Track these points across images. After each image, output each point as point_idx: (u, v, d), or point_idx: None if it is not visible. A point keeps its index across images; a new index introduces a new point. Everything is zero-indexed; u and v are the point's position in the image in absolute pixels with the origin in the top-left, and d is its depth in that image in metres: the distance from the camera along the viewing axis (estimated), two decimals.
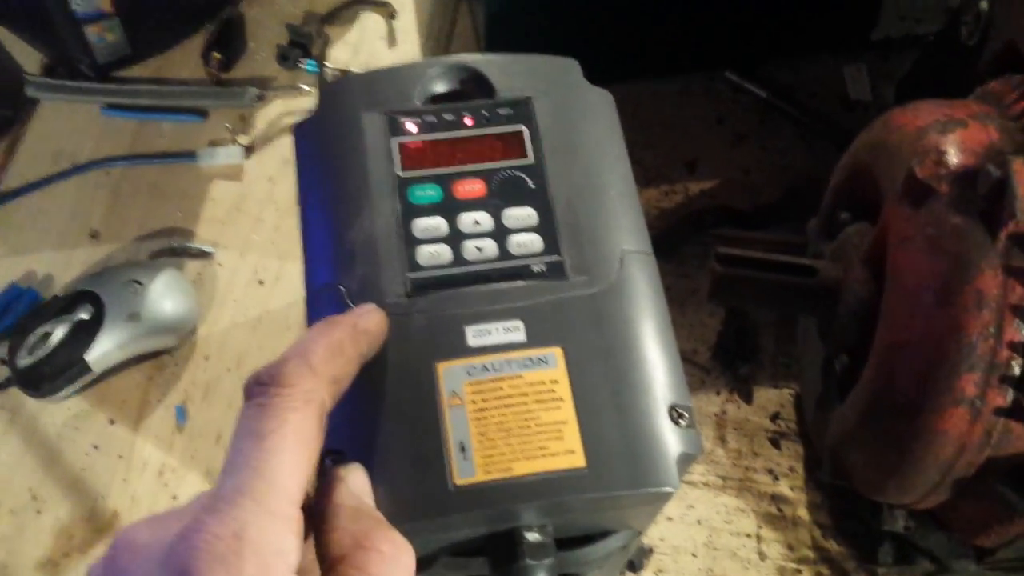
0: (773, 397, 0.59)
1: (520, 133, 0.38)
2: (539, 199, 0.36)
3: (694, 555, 0.54)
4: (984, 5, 0.56)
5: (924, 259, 0.41)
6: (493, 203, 0.36)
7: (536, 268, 0.35)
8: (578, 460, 0.32)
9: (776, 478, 0.57)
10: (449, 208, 0.36)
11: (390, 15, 0.79)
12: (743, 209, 0.67)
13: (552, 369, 0.33)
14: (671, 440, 0.33)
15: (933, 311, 0.41)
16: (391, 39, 0.79)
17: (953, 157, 0.43)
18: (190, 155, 0.71)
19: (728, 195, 0.68)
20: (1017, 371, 0.40)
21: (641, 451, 0.32)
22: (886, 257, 0.44)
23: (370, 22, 0.80)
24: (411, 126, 0.38)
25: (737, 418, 0.59)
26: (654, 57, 0.73)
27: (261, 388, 0.26)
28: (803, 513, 0.55)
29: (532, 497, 0.31)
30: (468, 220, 0.36)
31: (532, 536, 0.33)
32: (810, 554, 0.54)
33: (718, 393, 0.60)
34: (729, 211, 0.67)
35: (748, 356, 0.61)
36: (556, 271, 0.35)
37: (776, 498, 0.56)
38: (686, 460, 0.33)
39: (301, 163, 0.39)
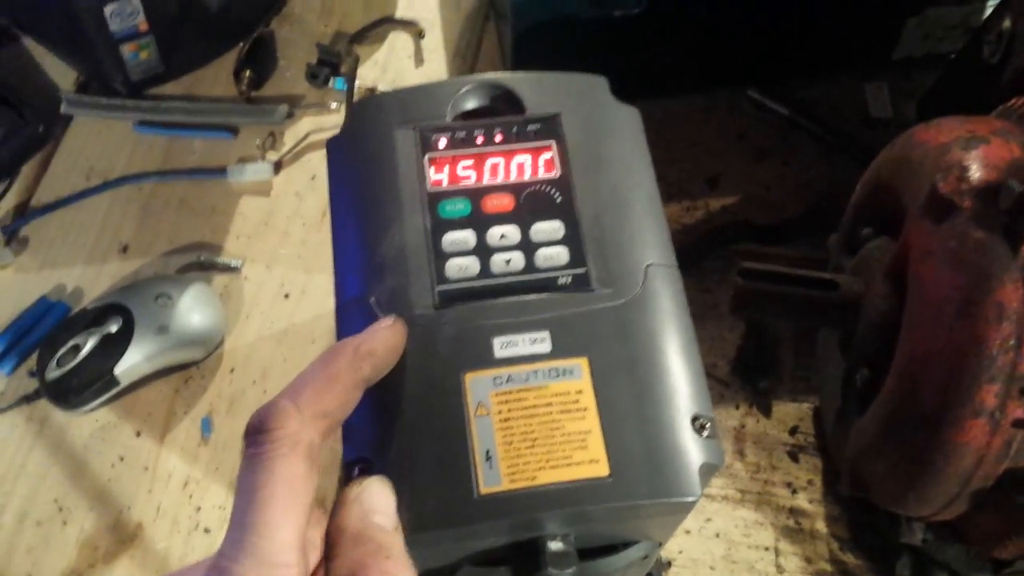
0: (792, 411, 0.60)
1: (549, 148, 0.39)
2: (566, 213, 0.37)
3: (712, 568, 0.54)
4: (1007, 24, 0.57)
5: (946, 272, 0.42)
6: (521, 217, 0.37)
7: (562, 280, 0.36)
8: (602, 469, 0.33)
9: (794, 491, 0.57)
10: (478, 222, 0.37)
11: (418, 34, 0.81)
12: (764, 224, 0.68)
13: (577, 380, 0.34)
14: (693, 450, 0.33)
15: (954, 323, 0.41)
16: (418, 58, 0.80)
17: (976, 173, 0.43)
18: (220, 171, 0.73)
19: (749, 211, 0.69)
20: None
21: (664, 461, 0.33)
22: (908, 271, 0.45)
23: (398, 41, 0.81)
24: (442, 142, 0.39)
25: (756, 432, 0.59)
26: (677, 75, 0.74)
27: (251, 437, 0.28)
28: (821, 526, 0.55)
29: (556, 506, 0.32)
30: (496, 234, 0.37)
31: (555, 545, 0.33)
32: (828, 567, 0.54)
33: (737, 407, 0.60)
34: (750, 226, 0.68)
35: (767, 370, 0.61)
36: (582, 283, 0.36)
37: (794, 511, 0.56)
38: (709, 470, 0.34)
39: (333, 177, 0.40)
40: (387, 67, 0.79)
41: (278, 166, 0.74)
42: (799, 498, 0.56)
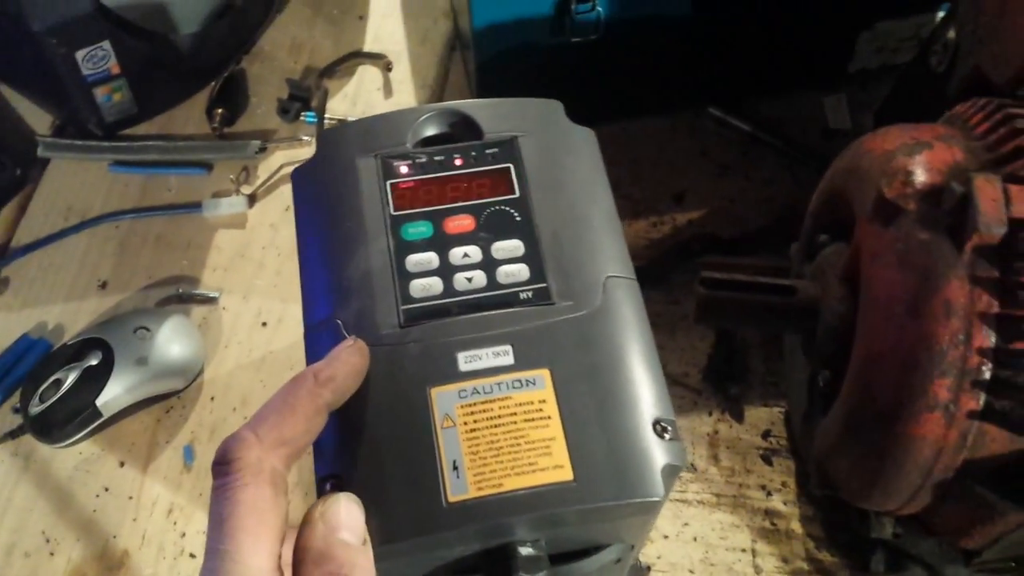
0: (764, 416, 0.61)
1: (507, 170, 0.40)
2: (525, 231, 0.39)
3: (691, 571, 0.55)
4: (951, 34, 0.59)
5: (895, 273, 0.43)
6: (482, 237, 0.39)
7: (523, 295, 0.37)
8: (566, 474, 0.34)
9: (769, 493, 0.58)
10: (440, 243, 0.38)
11: (386, 67, 0.83)
12: (729, 237, 0.69)
13: (540, 390, 0.35)
14: (655, 452, 0.34)
15: (905, 322, 0.43)
16: (387, 90, 0.82)
17: (919, 177, 0.45)
18: (195, 206, 0.74)
19: (715, 224, 0.71)
20: (987, 375, 0.42)
21: (627, 463, 0.34)
22: (860, 274, 0.46)
23: (367, 74, 0.83)
24: (403, 168, 0.40)
25: (729, 437, 0.60)
26: (639, 97, 0.76)
27: (216, 468, 0.29)
28: (796, 526, 0.56)
29: (522, 510, 0.33)
30: (458, 253, 0.38)
31: (525, 550, 0.34)
32: (804, 566, 0.55)
33: (710, 414, 0.61)
34: (715, 239, 0.69)
35: (738, 377, 0.62)
36: (542, 297, 0.37)
37: (770, 513, 0.57)
38: (671, 471, 0.35)
39: (299, 206, 0.41)
40: (356, 100, 0.81)
41: (252, 199, 0.75)
42: (774, 500, 0.58)
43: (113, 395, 0.61)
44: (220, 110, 0.79)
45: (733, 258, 0.66)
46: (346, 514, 0.31)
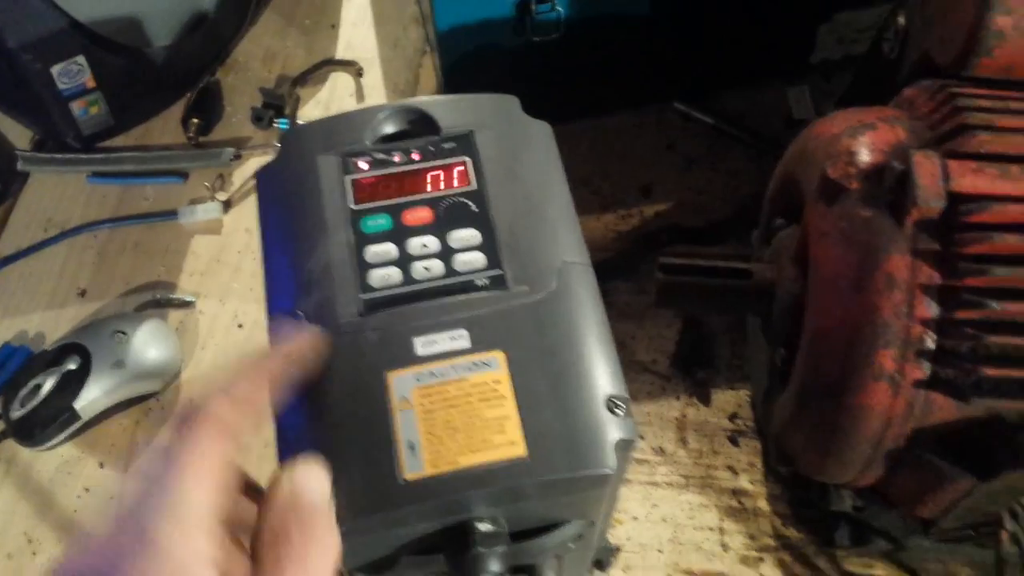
0: (731, 398, 0.62)
1: (464, 163, 0.42)
2: (482, 221, 0.40)
3: (660, 551, 0.57)
4: (901, 20, 0.61)
5: (839, 251, 0.45)
6: (439, 227, 0.40)
7: (479, 282, 0.39)
8: (520, 450, 0.35)
9: (736, 473, 0.59)
10: (399, 234, 0.40)
11: (357, 73, 0.84)
12: (695, 227, 0.71)
13: (495, 371, 0.37)
14: (608, 427, 0.36)
15: (850, 296, 0.44)
16: (359, 95, 0.84)
17: (862, 156, 0.46)
18: (172, 214, 0.76)
19: (682, 216, 0.72)
20: (931, 345, 0.43)
21: (579, 438, 0.35)
22: (809, 253, 0.48)
23: (339, 81, 0.84)
24: (363, 164, 0.41)
25: (697, 420, 0.62)
26: (604, 94, 0.78)
27: (177, 423, 0.30)
28: (763, 504, 0.58)
29: (476, 485, 0.34)
30: (416, 244, 0.39)
31: (483, 526, 0.35)
32: (771, 542, 0.57)
33: (678, 398, 0.63)
34: (682, 230, 0.71)
35: (705, 362, 0.64)
36: (498, 283, 0.38)
37: (737, 492, 0.59)
38: (624, 446, 0.36)
39: (263, 205, 0.42)
40: (329, 105, 0.82)
41: (227, 205, 0.76)
42: (741, 479, 0.59)
43: (92, 398, 0.63)
44: (195, 120, 0.80)
45: (697, 247, 0.67)
46: (310, 474, 0.31)
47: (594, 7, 0.69)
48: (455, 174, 0.41)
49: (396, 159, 0.42)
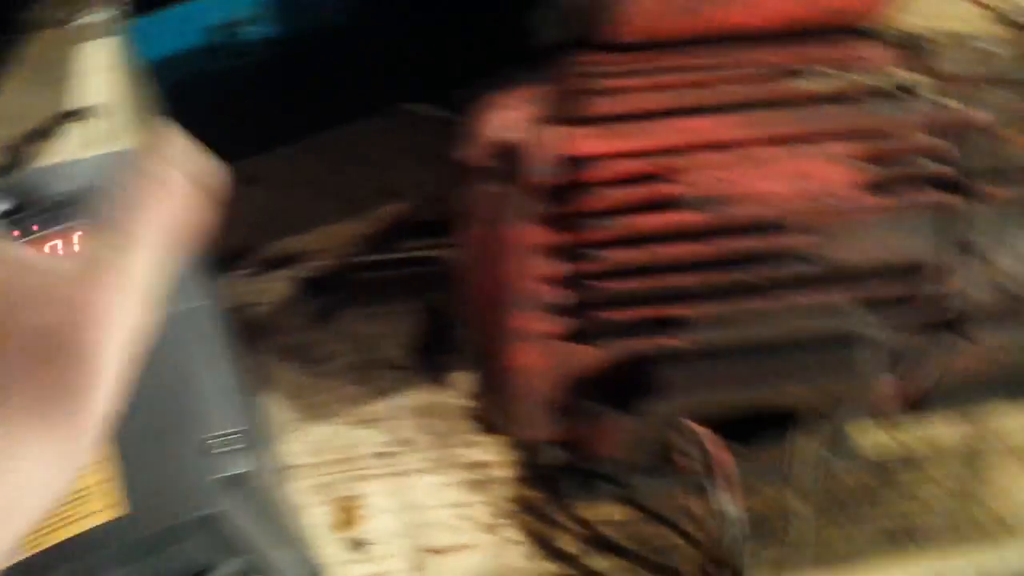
0: (470, 380, 0.65)
1: (79, 228, 0.41)
2: None
3: (407, 537, 0.59)
4: None
5: (474, 228, 0.48)
6: None
7: None
8: (119, 511, 0.36)
9: (475, 448, 0.62)
10: None
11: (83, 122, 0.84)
12: (431, 219, 0.73)
13: None
14: (211, 467, 0.37)
15: (486, 269, 0.47)
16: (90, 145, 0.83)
17: (489, 136, 0.49)
18: None
19: (422, 212, 0.75)
20: (563, 301, 0.46)
21: (180, 485, 0.36)
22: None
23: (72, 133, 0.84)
24: None
25: (437, 404, 0.64)
26: (334, 106, 0.79)
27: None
28: (501, 472, 0.61)
29: (67, 559, 0.34)
30: None
31: None
32: (512, 507, 0.59)
33: (418, 387, 0.65)
34: (422, 224, 0.73)
35: (443, 349, 0.66)
36: None
37: (476, 465, 0.61)
38: (239, 480, 0.37)
39: None
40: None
41: None
42: (479, 452, 0.62)
43: None
44: None
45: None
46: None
47: (294, 23, 0.70)
48: (75, 239, 0.42)
49: (16, 234, 0.42)
